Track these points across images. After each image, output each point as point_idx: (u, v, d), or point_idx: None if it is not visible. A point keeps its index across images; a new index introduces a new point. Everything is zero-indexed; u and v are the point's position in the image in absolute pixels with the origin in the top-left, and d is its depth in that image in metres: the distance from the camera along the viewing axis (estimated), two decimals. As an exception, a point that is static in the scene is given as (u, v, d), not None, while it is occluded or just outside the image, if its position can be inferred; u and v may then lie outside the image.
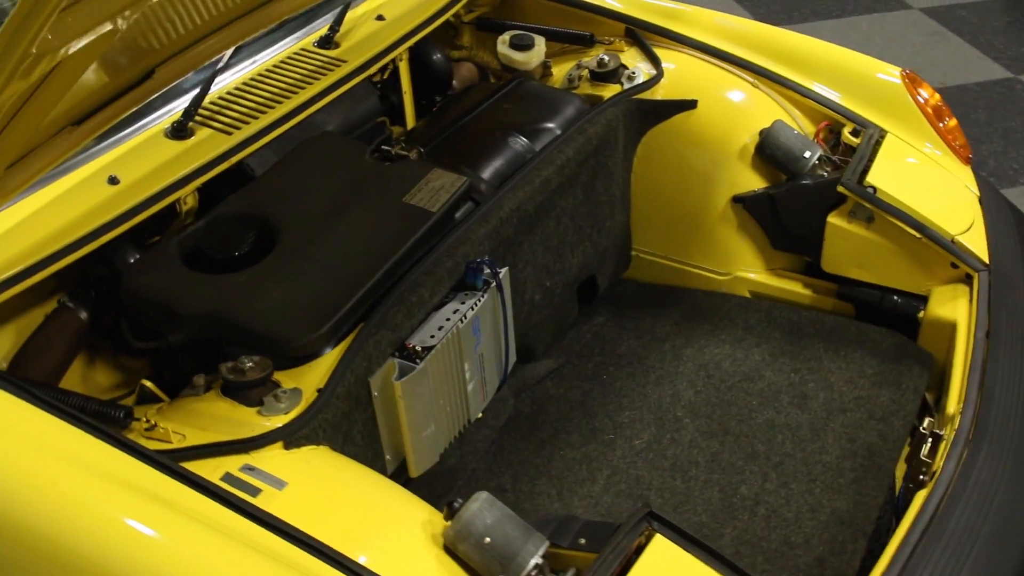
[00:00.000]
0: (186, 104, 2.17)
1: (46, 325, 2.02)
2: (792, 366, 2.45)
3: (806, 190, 2.53)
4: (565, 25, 2.91)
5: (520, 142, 2.45)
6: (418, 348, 1.95)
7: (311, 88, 2.35)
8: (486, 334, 2.12)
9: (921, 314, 2.41)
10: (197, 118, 2.20)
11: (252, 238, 2.02)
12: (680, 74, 2.75)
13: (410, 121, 2.72)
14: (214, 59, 2.16)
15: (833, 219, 2.49)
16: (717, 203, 2.69)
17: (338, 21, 2.54)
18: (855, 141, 2.59)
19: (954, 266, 2.37)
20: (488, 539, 1.59)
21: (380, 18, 2.63)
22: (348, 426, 1.87)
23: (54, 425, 1.59)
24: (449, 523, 1.62)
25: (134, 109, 2.00)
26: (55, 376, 2.00)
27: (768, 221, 2.64)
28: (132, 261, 2.02)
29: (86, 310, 2.04)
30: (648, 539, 1.61)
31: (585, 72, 2.73)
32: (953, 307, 2.34)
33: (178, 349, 1.94)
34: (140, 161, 2.10)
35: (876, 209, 2.41)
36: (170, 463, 1.57)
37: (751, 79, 2.72)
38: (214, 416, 1.76)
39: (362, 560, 1.52)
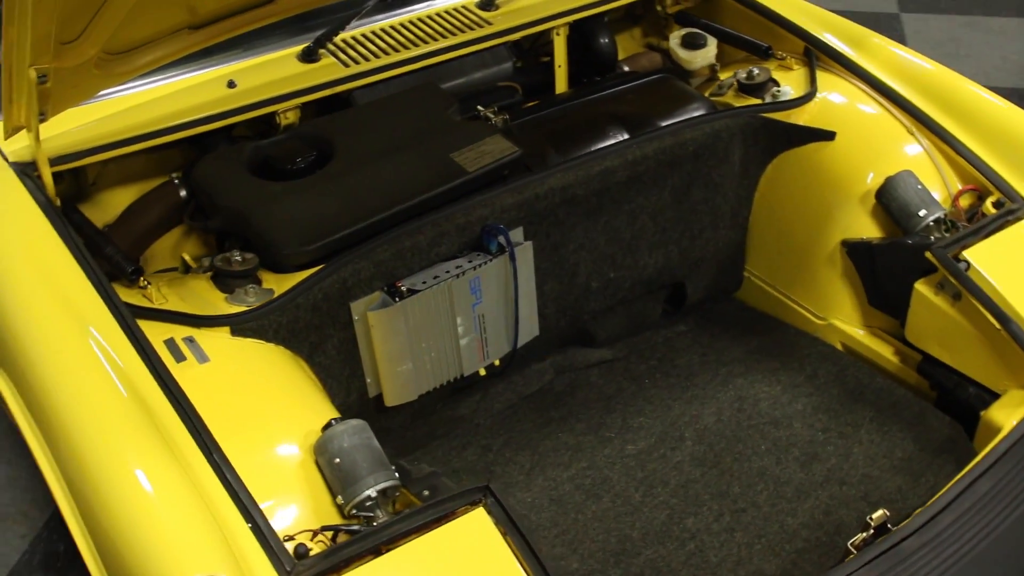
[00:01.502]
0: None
1: (150, 193, 2.40)
2: (825, 425, 2.31)
3: (901, 248, 2.34)
4: (757, 34, 2.85)
5: (618, 132, 2.48)
6: (404, 289, 2.11)
7: (443, 42, 2.53)
8: (489, 297, 2.22)
9: (984, 412, 2.17)
10: (330, 47, 2.46)
11: (310, 158, 2.26)
12: (832, 102, 2.62)
13: (559, 86, 2.80)
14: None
15: (920, 287, 2.28)
16: (827, 243, 2.55)
17: None
18: (993, 212, 2.34)
19: None
20: (337, 460, 1.74)
21: None
22: (318, 338, 2.08)
23: (60, 252, 1.94)
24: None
25: (253, 27, 2.31)
26: (145, 236, 2.38)
27: (866, 273, 2.46)
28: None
29: (186, 189, 2.39)
30: (470, 509, 1.68)
31: (735, 81, 2.68)
32: (1011, 414, 2.08)
33: (219, 233, 2.24)
34: (260, 74, 2.41)
35: (961, 287, 2.18)
36: (125, 313, 1.86)
37: (908, 123, 2.53)
38: (195, 293, 2.04)
39: (226, 444, 1.72)
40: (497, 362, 2.37)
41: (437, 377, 2.26)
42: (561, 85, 2.81)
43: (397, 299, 2.10)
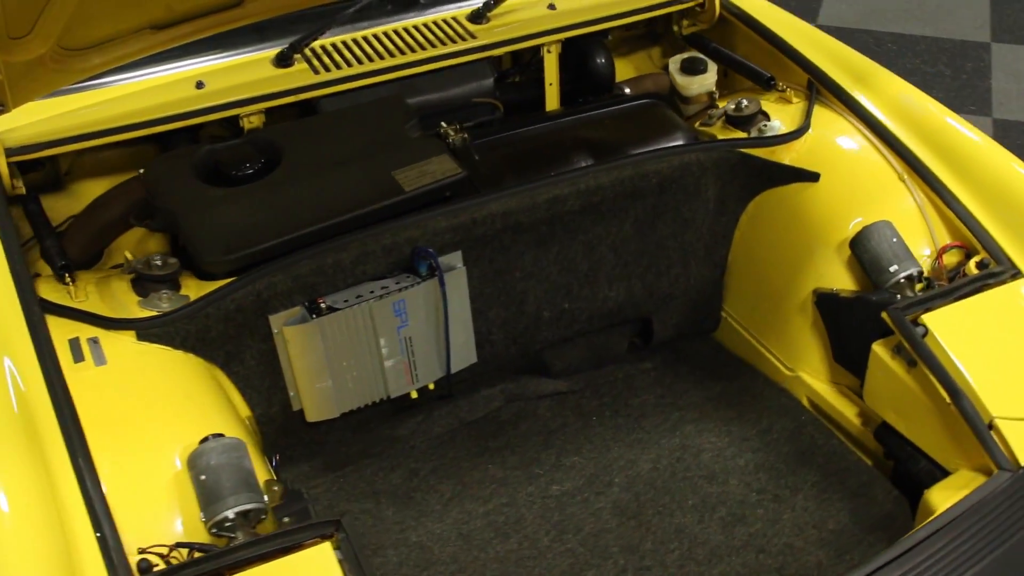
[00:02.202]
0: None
1: (114, 188, 2.43)
2: (762, 485, 2.18)
3: (863, 304, 2.19)
4: (766, 63, 2.71)
5: (582, 158, 2.39)
6: (324, 306, 2.08)
7: (421, 53, 2.48)
8: (416, 320, 2.17)
9: (927, 490, 2.01)
10: (307, 52, 2.45)
11: (257, 165, 2.24)
12: (824, 141, 2.47)
13: (549, 104, 2.72)
14: (348, 4, 2.41)
15: (878, 348, 2.13)
16: (801, 291, 2.40)
17: (495, 3, 2.62)
18: (975, 273, 2.17)
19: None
20: (203, 476, 1.72)
21: (551, 7, 2.67)
22: (235, 348, 2.07)
23: None
24: None
25: (218, 30, 2.31)
26: (106, 230, 2.40)
27: (831, 327, 2.31)
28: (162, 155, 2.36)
29: None
30: (318, 543, 1.64)
31: (724, 113, 2.55)
32: (949, 497, 1.92)
33: (160, 232, 2.26)
34: (231, 76, 2.41)
35: (915, 354, 2.02)
36: (34, 308, 1.88)
37: (900, 169, 2.36)
38: (112, 293, 2.06)
39: (101, 451, 1.72)
40: (432, 386, 2.31)
41: (361, 397, 2.22)
42: (552, 104, 2.73)
43: (315, 316, 2.07)
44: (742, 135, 2.50)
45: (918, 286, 2.21)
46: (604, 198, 2.29)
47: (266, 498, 1.78)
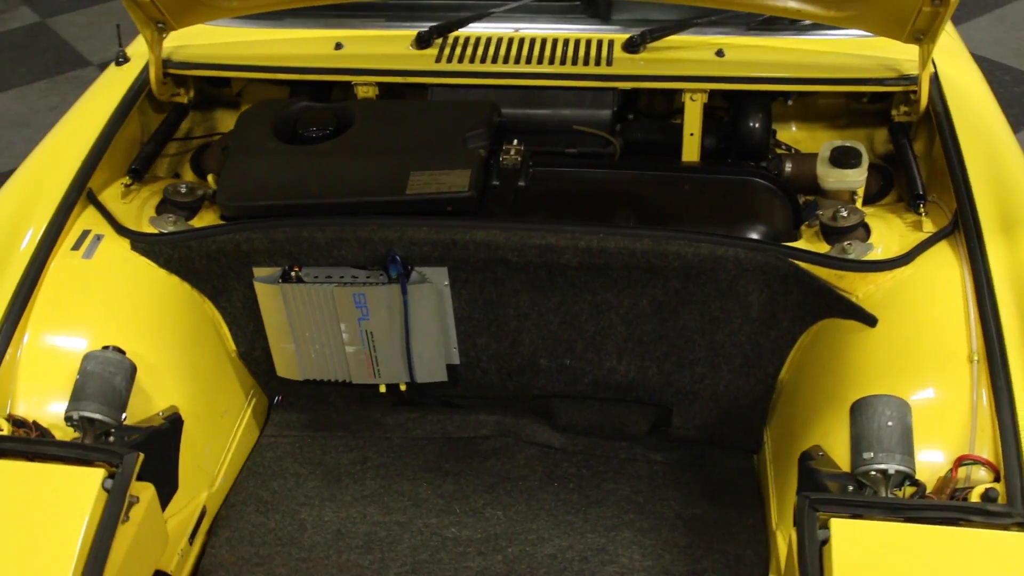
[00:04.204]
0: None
1: None
2: None
3: (808, 479, 1.83)
4: (935, 174, 2.29)
5: (625, 217, 2.21)
6: (294, 275, 2.19)
7: (547, 67, 2.43)
8: (379, 318, 2.19)
9: None
10: (438, 40, 2.52)
11: (320, 132, 2.36)
12: (914, 284, 2.04)
13: (685, 156, 2.51)
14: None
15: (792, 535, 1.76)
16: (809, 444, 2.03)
17: (657, 32, 2.48)
18: (973, 501, 1.71)
19: None
20: (78, 377, 1.96)
21: (719, 53, 2.46)
22: (221, 285, 2.26)
23: (94, 122, 2.38)
24: None
25: None
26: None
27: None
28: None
29: None
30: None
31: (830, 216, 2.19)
32: None
33: None
34: (367, 45, 2.56)
35: (795, 555, 1.66)
36: (72, 194, 2.22)
37: (977, 351, 1.88)
38: (144, 204, 2.33)
39: (37, 325, 2.04)
40: (403, 386, 2.32)
41: (324, 371, 2.30)
42: (690, 155, 2.51)
43: (283, 281, 2.18)
44: (824, 248, 2.13)
45: (908, 489, 1.77)
46: (611, 264, 2.10)
47: (124, 416, 1.97)
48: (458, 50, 2.49)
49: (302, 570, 2.07)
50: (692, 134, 2.49)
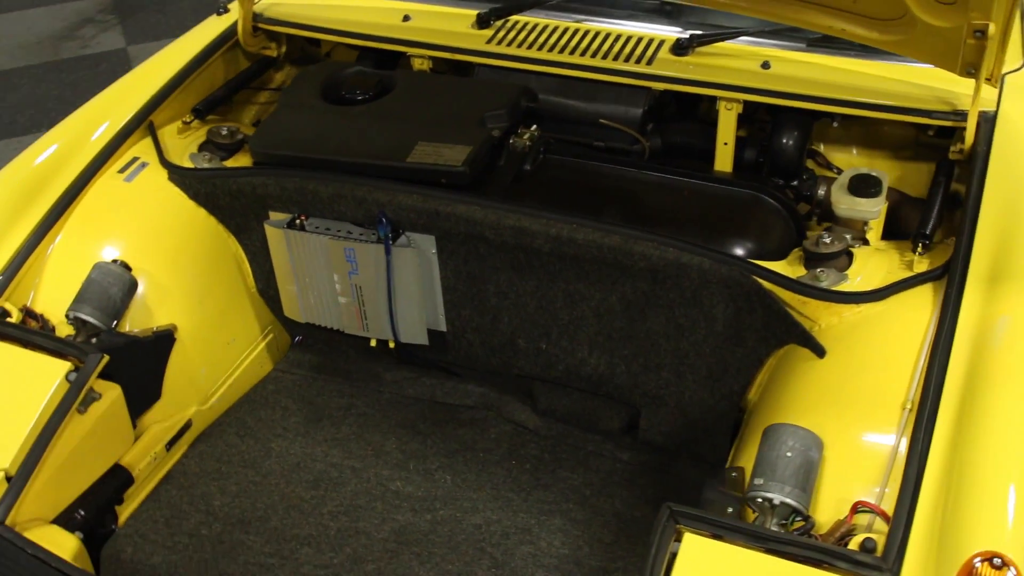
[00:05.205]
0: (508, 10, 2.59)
1: None
2: None
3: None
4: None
5: (612, 214, 2.23)
6: (298, 223, 2.35)
7: (590, 60, 2.47)
8: (367, 274, 2.31)
9: None
10: (498, 22, 2.62)
11: (358, 96, 2.49)
12: (879, 321, 1.95)
13: (718, 165, 2.49)
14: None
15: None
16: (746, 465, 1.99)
17: (707, 37, 2.47)
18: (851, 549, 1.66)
19: None
20: (84, 281, 2.20)
21: (765, 65, 2.42)
22: (243, 222, 2.45)
23: (176, 60, 2.63)
24: None
25: None
26: None
27: None
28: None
29: None
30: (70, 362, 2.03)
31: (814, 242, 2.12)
32: None
33: None
34: (432, 19, 2.68)
35: (650, 566, 1.66)
36: (131, 125, 2.48)
37: (912, 401, 1.79)
38: (194, 141, 2.55)
39: (69, 233, 2.31)
40: (391, 344, 2.43)
41: (322, 317, 2.45)
42: (722, 164, 2.48)
43: (287, 227, 2.35)
44: (800, 272, 2.07)
45: (796, 523, 1.73)
46: (581, 256, 2.13)
47: (115, 323, 2.20)
48: (511, 34, 2.56)
49: (250, 491, 2.24)
50: (726, 143, 2.45)
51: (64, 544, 1.92)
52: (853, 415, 1.82)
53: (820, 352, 1.94)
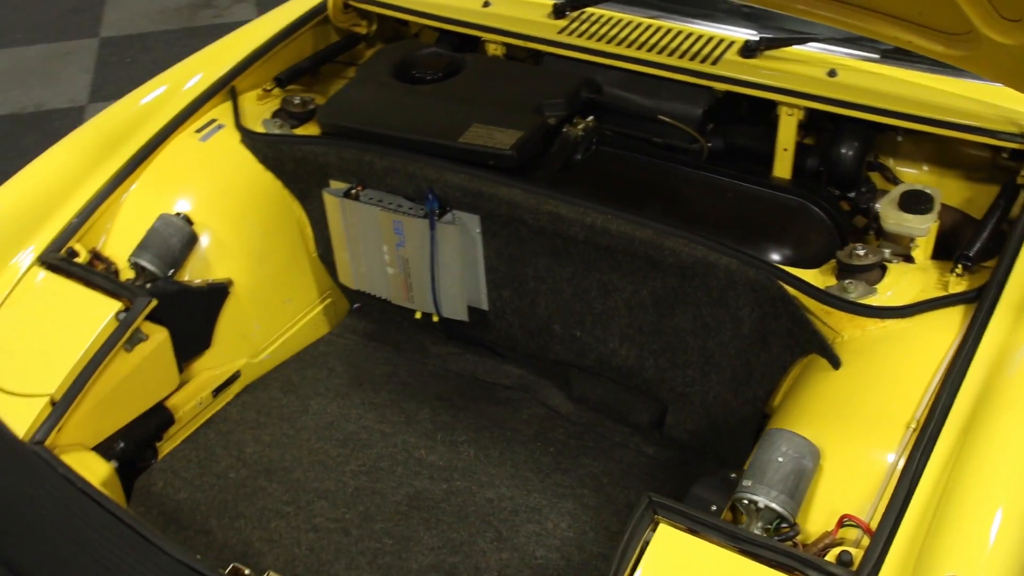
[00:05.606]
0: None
1: None
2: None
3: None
4: None
5: (652, 208, 2.24)
6: (354, 192, 2.45)
7: (656, 56, 2.48)
8: (412, 247, 2.39)
9: None
10: (572, 13, 2.66)
11: (428, 76, 2.56)
12: (902, 338, 1.91)
13: (776, 171, 2.47)
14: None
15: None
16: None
17: (776, 41, 2.45)
18: (827, 560, 1.66)
19: None
20: (148, 230, 2.36)
21: (832, 73, 2.39)
22: (306, 188, 2.57)
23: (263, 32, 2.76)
24: None
25: None
26: None
27: None
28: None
29: None
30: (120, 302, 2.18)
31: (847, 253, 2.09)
32: None
33: None
34: (511, 8, 2.73)
35: (621, 554, 1.68)
36: (216, 88, 2.62)
37: (919, 419, 1.77)
38: (272, 107, 2.68)
39: (145, 182, 2.47)
40: (436, 317, 2.51)
41: (372, 286, 2.54)
42: (782, 171, 2.46)
43: (344, 196, 2.45)
44: (831, 282, 2.05)
45: (781, 529, 1.73)
46: (614, 247, 2.15)
47: (172, 272, 2.34)
48: (583, 26, 2.59)
49: (281, 443, 2.34)
50: (785, 149, 2.43)
51: (97, 469, 2.06)
52: (856, 429, 1.80)
53: (835, 363, 1.92)
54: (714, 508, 1.76)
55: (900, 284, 2.01)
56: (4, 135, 4.83)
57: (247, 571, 1.76)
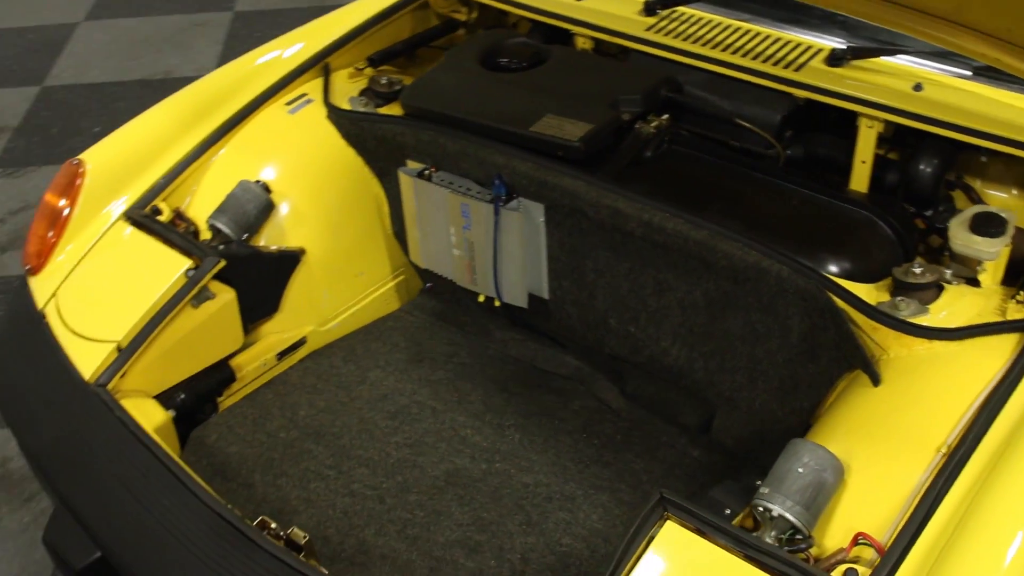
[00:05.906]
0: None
1: None
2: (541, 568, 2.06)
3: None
4: None
5: (715, 210, 2.23)
6: (427, 173, 2.51)
7: (740, 59, 2.47)
8: (478, 231, 2.43)
9: None
10: (663, 11, 2.66)
11: (512, 64, 2.60)
12: (953, 361, 1.86)
13: (853, 184, 2.42)
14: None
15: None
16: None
17: (864, 51, 2.41)
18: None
19: None
20: (227, 194, 2.48)
21: (917, 87, 2.34)
22: (385, 166, 2.64)
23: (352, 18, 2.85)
24: None
25: None
26: None
27: None
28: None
29: None
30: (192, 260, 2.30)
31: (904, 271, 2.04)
32: None
33: None
34: (606, 3, 2.72)
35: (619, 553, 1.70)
36: (306, 63, 2.73)
37: (951, 442, 1.73)
38: (361, 85, 2.76)
39: (231, 151, 2.59)
40: (497, 303, 2.55)
41: (438, 266, 2.59)
42: (858, 183, 2.41)
43: (417, 176, 2.51)
44: (884, 298, 2.01)
45: (797, 540, 1.71)
46: (670, 245, 2.15)
47: (246, 236, 2.44)
48: (672, 24, 2.59)
49: (335, 409, 2.42)
50: (864, 162, 2.38)
51: (153, 416, 2.17)
52: (886, 448, 1.76)
53: (875, 380, 1.88)
54: (728, 512, 1.75)
55: (955, 306, 1.95)
56: (133, 98, 5.09)
57: (273, 524, 1.84)
